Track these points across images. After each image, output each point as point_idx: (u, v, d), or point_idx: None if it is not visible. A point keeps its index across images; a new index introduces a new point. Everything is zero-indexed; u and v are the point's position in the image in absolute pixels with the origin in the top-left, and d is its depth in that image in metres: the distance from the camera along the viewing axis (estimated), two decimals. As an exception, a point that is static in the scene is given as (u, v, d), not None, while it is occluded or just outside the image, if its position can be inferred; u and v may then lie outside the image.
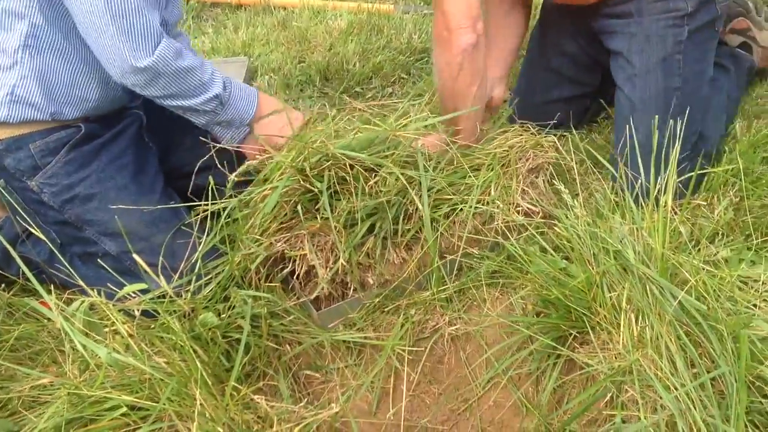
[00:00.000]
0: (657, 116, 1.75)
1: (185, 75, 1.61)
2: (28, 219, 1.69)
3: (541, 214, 1.78)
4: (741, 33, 2.44)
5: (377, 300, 1.71)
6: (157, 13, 1.57)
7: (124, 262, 1.69)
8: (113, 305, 1.37)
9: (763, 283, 1.44)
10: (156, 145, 1.89)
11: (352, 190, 1.65)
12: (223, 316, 1.53)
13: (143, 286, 1.34)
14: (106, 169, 1.72)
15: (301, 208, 1.66)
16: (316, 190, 1.64)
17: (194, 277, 1.59)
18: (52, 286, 1.56)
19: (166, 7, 1.71)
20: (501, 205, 1.73)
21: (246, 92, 1.77)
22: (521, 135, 1.89)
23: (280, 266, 1.71)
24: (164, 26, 1.67)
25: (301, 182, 1.64)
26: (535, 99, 2.35)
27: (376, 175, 1.67)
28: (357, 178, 1.65)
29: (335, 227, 1.62)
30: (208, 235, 1.66)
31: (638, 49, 1.91)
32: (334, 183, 1.65)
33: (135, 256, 1.36)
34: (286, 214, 1.67)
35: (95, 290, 1.39)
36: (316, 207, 1.67)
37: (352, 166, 1.65)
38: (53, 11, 1.56)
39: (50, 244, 1.45)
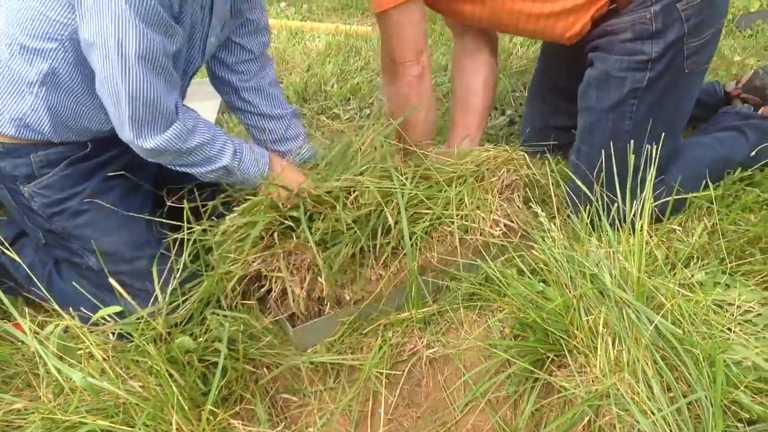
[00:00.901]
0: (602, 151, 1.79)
1: (190, 152, 1.58)
2: (17, 216, 1.73)
3: (519, 232, 1.80)
4: None
5: (353, 318, 1.71)
6: (175, 93, 1.53)
7: (105, 279, 1.68)
8: (88, 329, 1.36)
9: (737, 307, 1.45)
10: (154, 164, 1.87)
11: (329, 211, 1.66)
12: (200, 339, 1.52)
13: (118, 309, 1.33)
14: (98, 187, 1.72)
15: (277, 234, 1.66)
16: (290, 222, 1.65)
17: (169, 298, 1.58)
18: (26, 309, 1.55)
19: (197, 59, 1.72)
20: (483, 216, 1.74)
21: (258, 158, 1.71)
22: (491, 150, 1.90)
23: (256, 284, 1.70)
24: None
25: (278, 217, 1.65)
26: (535, 124, 2.43)
27: (354, 191, 1.68)
28: (337, 197, 1.66)
29: (311, 247, 1.62)
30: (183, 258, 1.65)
31: (598, 84, 1.92)
32: (311, 205, 1.66)
33: (112, 281, 1.35)
34: (263, 238, 1.67)
35: (70, 312, 1.37)
36: (294, 232, 1.67)
37: (329, 191, 1.66)
38: (78, 56, 1.52)
39: (26, 268, 1.44)
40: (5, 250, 1.50)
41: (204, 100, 2.70)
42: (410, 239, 1.68)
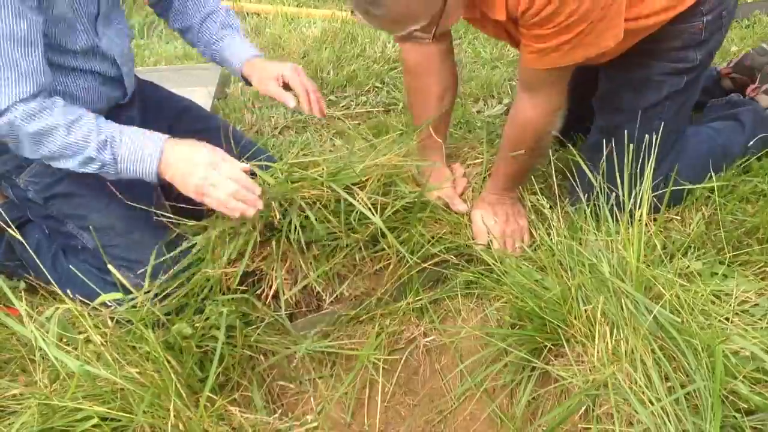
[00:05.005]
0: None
1: (36, 139, 1.46)
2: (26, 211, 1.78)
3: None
4: None
5: (352, 312, 1.71)
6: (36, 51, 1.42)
7: (100, 258, 1.67)
8: (88, 313, 1.36)
9: (735, 297, 1.46)
10: None
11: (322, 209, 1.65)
12: (198, 324, 1.51)
13: (119, 295, 1.32)
14: None
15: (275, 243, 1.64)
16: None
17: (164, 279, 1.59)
18: (23, 294, 1.54)
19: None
20: None
21: (143, 149, 1.52)
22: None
23: (253, 278, 1.69)
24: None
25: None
26: None
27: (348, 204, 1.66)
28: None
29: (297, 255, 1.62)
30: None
31: (636, 87, 1.89)
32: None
33: (111, 267, 1.34)
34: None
35: (68, 294, 1.37)
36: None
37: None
38: None
39: (30, 247, 1.44)
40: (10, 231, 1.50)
41: (195, 86, 2.67)
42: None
